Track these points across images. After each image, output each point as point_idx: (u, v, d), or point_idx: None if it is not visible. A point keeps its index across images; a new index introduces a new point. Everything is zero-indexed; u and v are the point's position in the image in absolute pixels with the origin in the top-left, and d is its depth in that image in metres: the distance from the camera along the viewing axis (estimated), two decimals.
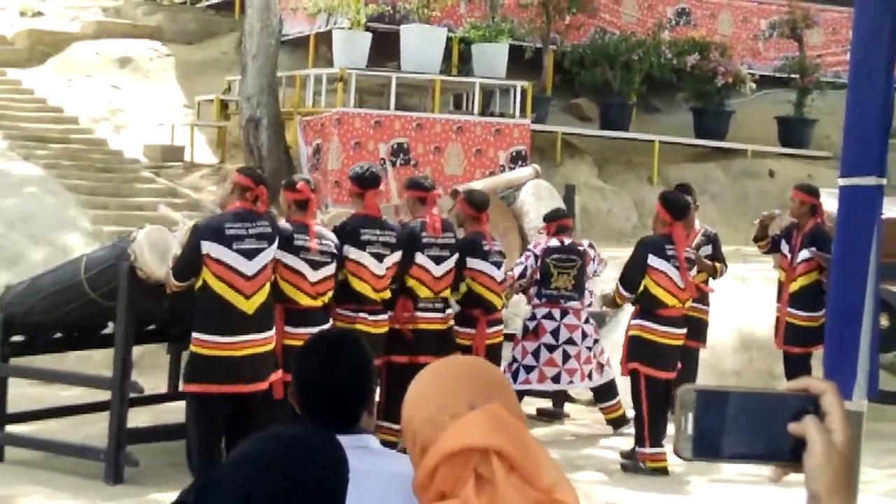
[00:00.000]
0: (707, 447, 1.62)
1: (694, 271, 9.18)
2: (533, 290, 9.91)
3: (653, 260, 8.81)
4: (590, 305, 10.14)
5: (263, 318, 7.68)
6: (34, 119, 17.37)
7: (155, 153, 17.38)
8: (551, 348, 9.81)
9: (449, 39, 17.31)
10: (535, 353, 9.82)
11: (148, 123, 18.22)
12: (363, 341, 3.26)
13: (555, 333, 9.81)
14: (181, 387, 8.35)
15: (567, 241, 10.00)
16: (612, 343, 10.50)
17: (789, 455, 1.59)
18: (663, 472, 8.78)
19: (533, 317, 9.93)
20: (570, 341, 9.84)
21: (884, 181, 4.16)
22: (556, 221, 10.09)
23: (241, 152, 16.73)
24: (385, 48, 17.06)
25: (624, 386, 9.54)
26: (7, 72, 19.09)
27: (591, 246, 10.48)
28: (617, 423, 10.20)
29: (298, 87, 17.33)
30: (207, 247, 7.51)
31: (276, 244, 7.75)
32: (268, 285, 7.72)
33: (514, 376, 9.74)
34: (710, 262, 10.15)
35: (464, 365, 2.23)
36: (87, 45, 20.42)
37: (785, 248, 10.26)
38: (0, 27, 21.36)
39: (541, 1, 18.01)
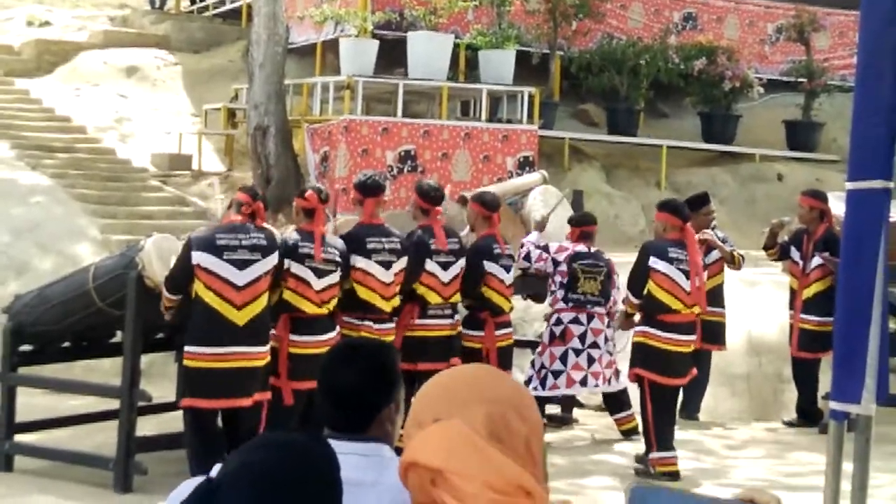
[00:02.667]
0: None
1: (705, 276, 9.15)
2: (559, 294, 9.88)
3: (654, 262, 8.76)
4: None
5: (255, 331, 7.65)
6: (42, 128, 17.40)
7: (163, 162, 17.41)
8: (578, 352, 9.83)
9: (456, 46, 17.32)
10: (563, 358, 9.83)
11: (155, 132, 18.25)
12: (385, 350, 3.20)
13: (582, 338, 9.83)
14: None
15: (592, 247, 10.00)
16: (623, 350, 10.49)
17: None
18: (673, 476, 8.76)
19: (559, 322, 9.92)
20: (595, 345, 9.86)
21: (891, 185, 4.16)
22: (582, 227, 10.08)
23: (248, 160, 16.73)
24: (392, 55, 17.07)
25: (637, 394, 9.52)
26: (15, 81, 19.15)
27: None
28: (630, 432, 10.19)
29: (306, 94, 17.34)
30: (198, 257, 7.52)
31: (272, 257, 7.72)
32: (262, 299, 7.68)
33: (543, 382, 9.76)
34: (728, 250, 10.13)
35: (449, 377, 2.22)
36: (94, 54, 20.47)
37: (795, 254, 10.20)
38: (8, 37, 21.44)
39: (547, 7, 18.01)
